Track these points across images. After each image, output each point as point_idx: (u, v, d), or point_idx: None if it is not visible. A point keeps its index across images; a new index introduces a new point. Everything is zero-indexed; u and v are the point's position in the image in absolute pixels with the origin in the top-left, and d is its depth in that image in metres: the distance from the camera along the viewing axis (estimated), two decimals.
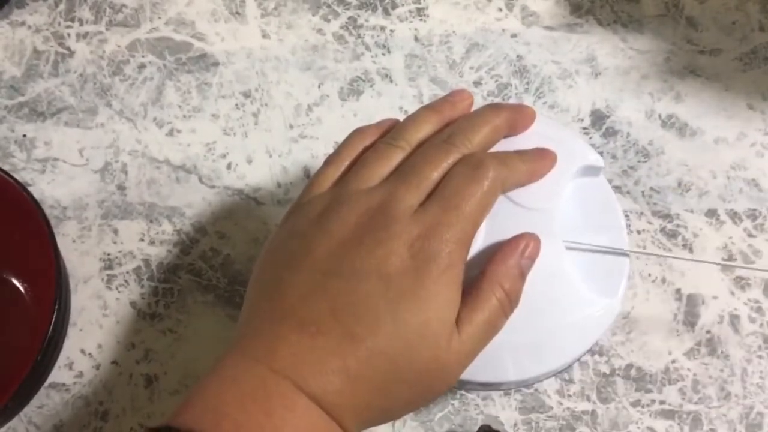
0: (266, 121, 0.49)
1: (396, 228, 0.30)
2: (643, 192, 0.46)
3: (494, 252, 0.32)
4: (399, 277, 0.29)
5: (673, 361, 0.42)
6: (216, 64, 0.51)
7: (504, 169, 0.32)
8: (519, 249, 0.31)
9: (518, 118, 0.35)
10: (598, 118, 0.48)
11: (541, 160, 0.34)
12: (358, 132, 0.35)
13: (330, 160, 0.34)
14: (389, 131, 0.35)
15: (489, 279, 0.31)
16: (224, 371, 0.28)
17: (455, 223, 0.30)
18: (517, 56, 0.50)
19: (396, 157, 0.33)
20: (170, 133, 0.50)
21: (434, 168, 0.31)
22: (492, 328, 0.31)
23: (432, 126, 0.34)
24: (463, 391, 0.42)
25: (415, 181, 0.31)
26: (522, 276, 0.31)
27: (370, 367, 0.28)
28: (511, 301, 0.31)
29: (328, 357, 0.28)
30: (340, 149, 0.35)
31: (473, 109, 0.36)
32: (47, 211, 0.42)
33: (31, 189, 0.45)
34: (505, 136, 0.35)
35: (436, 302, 0.29)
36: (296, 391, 0.28)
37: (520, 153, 0.34)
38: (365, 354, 0.28)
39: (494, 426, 0.41)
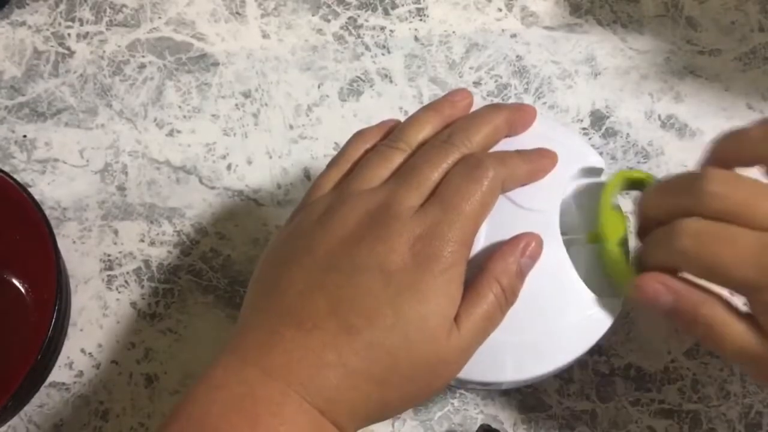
0: (266, 122, 0.49)
1: (397, 227, 0.30)
2: None
3: (494, 251, 0.32)
4: (400, 274, 0.29)
5: (673, 361, 0.42)
6: (216, 64, 0.51)
7: (503, 168, 0.32)
8: (518, 247, 0.32)
9: (519, 117, 0.35)
10: (598, 118, 0.48)
11: (541, 159, 0.34)
12: (359, 134, 0.35)
13: (332, 163, 0.35)
14: (390, 132, 0.35)
15: (487, 275, 0.31)
16: (214, 375, 0.29)
17: (456, 221, 0.30)
18: (517, 56, 0.50)
19: (396, 159, 0.33)
20: (170, 134, 0.50)
21: (434, 168, 0.32)
22: (489, 323, 0.31)
23: (432, 126, 0.34)
24: (462, 390, 0.42)
25: (415, 182, 0.31)
26: (520, 274, 0.32)
27: (368, 359, 0.28)
28: (507, 297, 0.31)
29: (324, 351, 0.28)
30: (342, 152, 0.35)
31: (473, 108, 0.36)
32: (47, 212, 0.42)
33: (31, 190, 0.45)
34: (506, 136, 0.35)
35: (436, 298, 0.29)
36: (286, 394, 0.28)
37: (520, 152, 0.34)
38: (363, 346, 0.28)
39: (494, 425, 0.41)
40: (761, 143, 0.31)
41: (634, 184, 0.36)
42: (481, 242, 0.33)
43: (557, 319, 0.33)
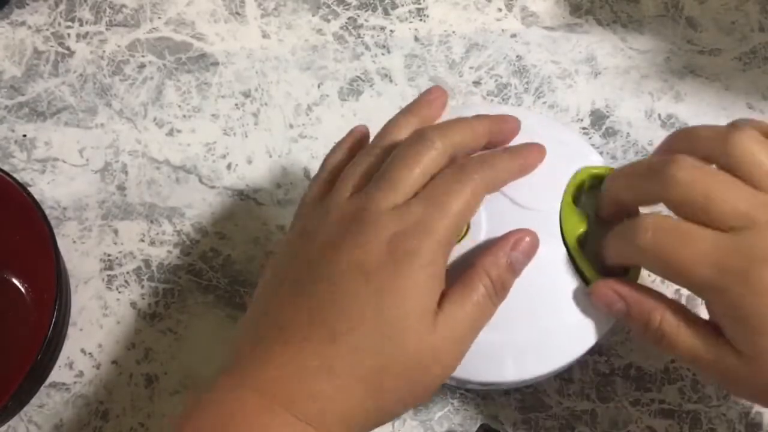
0: (266, 121, 0.49)
1: (373, 227, 0.30)
2: None
3: (486, 247, 0.32)
4: (378, 273, 0.29)
5: (673, 361, 0.42)
6: (216, 64, 0.51)
7: (488, 169, 0.32)
8: (509, 242, 0.32)
9: (501, 128, 0.35)
10: (598, 118, 0.48)
11: (529, 154, 0.34)
12: (333, 150, 0.36)
13: (313, 180, 0.36)
14: (365, 140, 0.36)
15: (477, 268, 0.31)
16: (210, 391, 0.29)
17: (437, 220, 0.30)
18: (517, 56, 0.50)
19: (375, 166, 0.33)
20: (170, 133, 0.50)
21: (406, 167, 0.31)
22: (480, 314, 0.31)
23: (411, 129, 0.34)
24: (462, 391, 0.42)
25: (388, 184, 0.31)
26: (510, 267, 0.32)
27: (355, 363, 0.29)
28: (497, 290, 0.31)
29: (311, 362, 0.29)
30: (322, 167, 0.36)
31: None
32: (47, 212, 0.42)
33: (31, 189, 0.45)
34: (487, 146, 0.34)
35: (415, 293, 0.29)
36: (273, 411, 0.28)
37: (507, 150, 0.34)
38: (348, 351, 0.29)
39: (494, 425, 0.41)
40: (710, 142, 0.31)
41: (599, 179, 0.35)
42: (481, 242, 0.33)
43: (557, 319, 0.33)
